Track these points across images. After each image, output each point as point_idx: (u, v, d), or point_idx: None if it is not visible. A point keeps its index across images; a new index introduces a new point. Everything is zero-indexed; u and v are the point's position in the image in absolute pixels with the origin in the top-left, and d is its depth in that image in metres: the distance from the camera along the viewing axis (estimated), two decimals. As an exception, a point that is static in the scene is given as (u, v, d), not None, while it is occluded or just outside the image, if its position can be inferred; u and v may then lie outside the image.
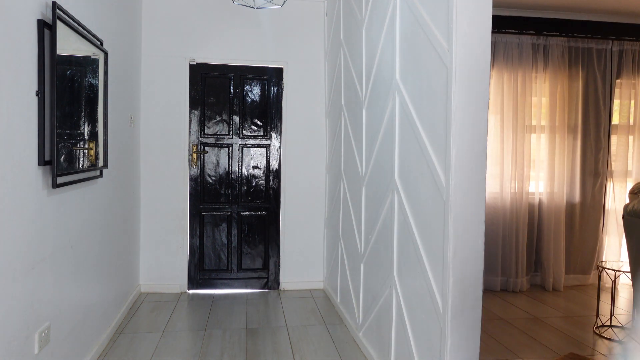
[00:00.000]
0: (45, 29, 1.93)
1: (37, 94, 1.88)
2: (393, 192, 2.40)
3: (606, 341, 3.20)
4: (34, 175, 1.88)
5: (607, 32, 4.42)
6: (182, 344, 2.96)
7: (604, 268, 3.41)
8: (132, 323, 3.27)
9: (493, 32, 4.11)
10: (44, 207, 1.97)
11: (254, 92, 4.15)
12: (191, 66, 4.01)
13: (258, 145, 4.17)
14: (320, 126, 4.20)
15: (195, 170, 4.06)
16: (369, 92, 2.83)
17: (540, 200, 4.47)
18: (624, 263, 3.55)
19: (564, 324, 3.53)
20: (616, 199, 4.56)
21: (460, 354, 1.82)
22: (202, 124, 4.06)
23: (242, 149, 4.13)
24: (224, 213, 4.13)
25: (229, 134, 4.11)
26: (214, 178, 4.10)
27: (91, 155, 2.55)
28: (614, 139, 4.58)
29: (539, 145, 4.46)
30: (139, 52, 3.84)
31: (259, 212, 4.18)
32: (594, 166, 4.51)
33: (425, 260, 2.01)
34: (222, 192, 4.12)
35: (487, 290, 4.29)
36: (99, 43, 2.58)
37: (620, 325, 3.37)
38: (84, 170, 2.41)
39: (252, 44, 4.10)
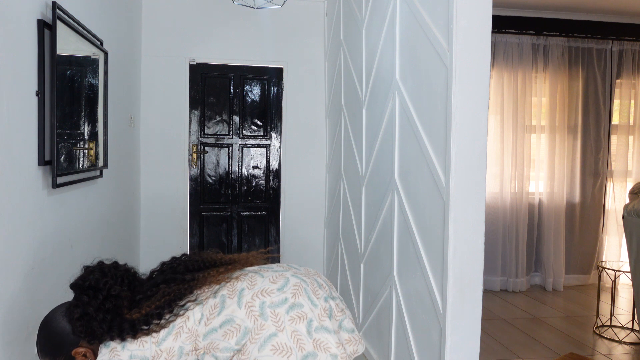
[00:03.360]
0: (45, 29, 1.92)
1: (37, 94, 1.88)
2: (393, 192, 2.40)
3: (606, 341, 3.20)
4: (34, 175, 1.88)
5: (607, 32, 4.42)
6: (182, 344, 2.96)
7: (604, 268, 3.41)
8: (132, 323, 3.27)
9: (493, 32, 4.10)
10: (44, 207, 1.97)
11: (254, 92, 4.15)
12: (191, 66, 4.01)
13: (258, 145, 4.17)
14: (320, 126, 4.20)
15: (195, 170, 4.06)
16: (369, 92, 2.83)
17: (540, 200, 4.47)
18: (624, 263, 3.55)
19: (564, 324, 3.53)
20: (616, 199, 4.56)
21: (460, 354, 1.82)
22: (202, 124, 4.06)
23: (242, 149, 4.14)
24: (224, 213, 4.13)
25: (229, 134, 4.11)
26: (214, 178, 4.10)
27: (91, 155, 2.55)
28: (614, 139, 4.58)
29: (539, 145, 4.46)
30: (139, 52, 3.84)
31: (259, 212, 4.18)
32: (594, 166, 4.51)
33: (425, 260, 2.01)
34: (222, 192, 4.12)
35: (487, 290, 4.29)
36: (99, 43, 2.58)
37: (620, 325, 3.37)
38: (84, 170, 2.41)
39: (252, 44, 4.10)
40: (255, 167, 4.17)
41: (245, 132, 4.13)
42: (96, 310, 1.32)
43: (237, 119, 4.12)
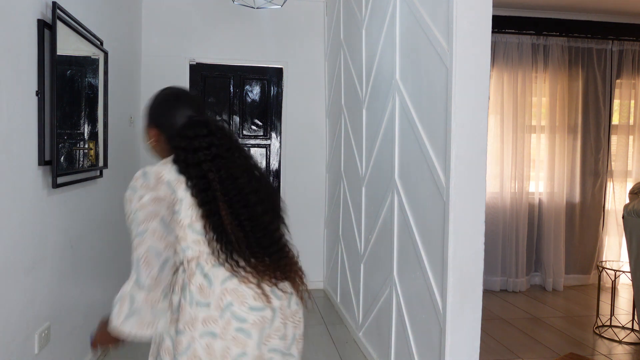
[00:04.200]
0: (45, 29, 1.93)
1: (37, 94, 1.88)
2: (393, 192, 2.40)
3: (606, 341, 3.20)
4: (34, 175, 1.88)
5: (607, 32, 4.42)
6: (182, 344, 2.95)
7: (604, 268, 3.41)
8: (132, 323, 3.26)
9: (493, 32, 4.09)
10: (44, 207, 1.97)
11: (254, 92, 4.15)
12: (191, 66, 4.01)
13: (258, 145, 4.16)
14: (320, 126, 4.20)
15: (195, 170, 4.05)
16: (369, 92, 2.83)
17: (540, 200, 4.47)
18: (624, 263, 3.55)
19: (564, 324, 3.53)
20: (616, 199, 4.56)
21: (460, 354, 1.82)
22: (202, 124, 4.06)
23: (242, 149, 4.13)
24: (224, 213, 4.12)
25: (229, 134, 4.10)
26: (214, 178, 4.10)
27: (91, 155, 2.55)
28: (614, 139, 4.58)
29: (539, 145, 4.46)
30: (139, 52, 3.83)
31: (259, 212, 4.18)
32: (594, 166, 4.51)
33: (425, 260, 2.01)
34: (222, 192, 4.11)
35: (487, 290, 4.29)
36: (99, 43, 2.58)
37: (620, 325, 3.37)
38: (84, 170, 2.41)
39: (252, 44, 4.10)
40: (255, 167, 4.16)
41: (245, 132, 4.13)
42: (193, 155, 1.18)
43: (237, 119, 4.12)
